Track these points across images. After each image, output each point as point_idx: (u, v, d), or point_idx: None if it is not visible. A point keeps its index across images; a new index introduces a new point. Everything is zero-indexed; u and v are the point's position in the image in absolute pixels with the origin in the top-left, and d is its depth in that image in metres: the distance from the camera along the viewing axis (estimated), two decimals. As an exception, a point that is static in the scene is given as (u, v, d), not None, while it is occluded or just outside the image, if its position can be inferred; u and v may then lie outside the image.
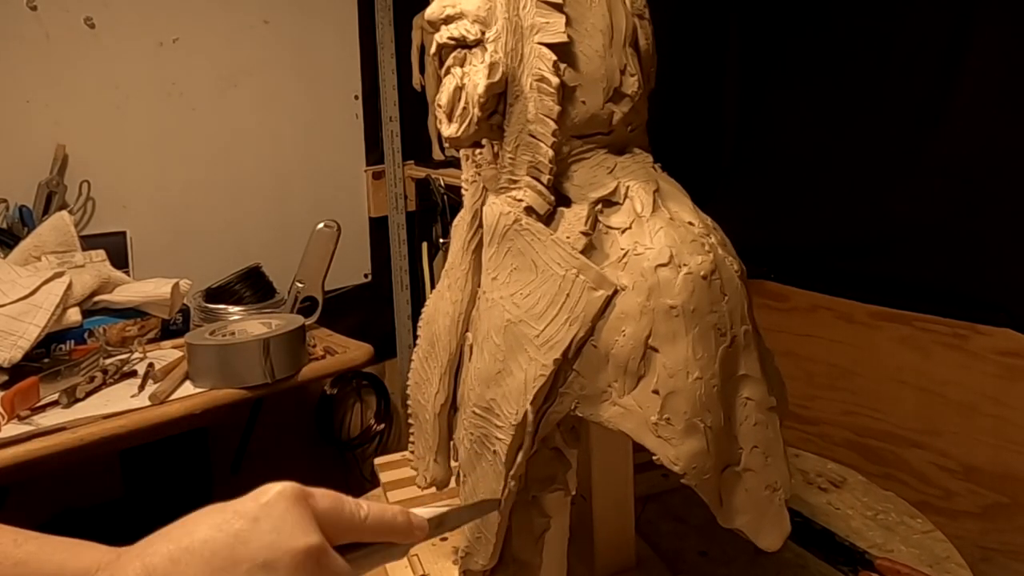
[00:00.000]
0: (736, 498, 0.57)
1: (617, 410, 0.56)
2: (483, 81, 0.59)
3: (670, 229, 0.58)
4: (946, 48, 1.24)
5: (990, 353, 1.25)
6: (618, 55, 0.61)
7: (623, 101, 0.62)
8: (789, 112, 1.50)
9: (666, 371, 0.54)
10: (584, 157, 0.62)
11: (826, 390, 1.48)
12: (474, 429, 0.61)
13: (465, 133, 0.61)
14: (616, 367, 0.56)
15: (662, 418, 0.54)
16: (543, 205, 0.60)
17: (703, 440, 0.54)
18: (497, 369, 0.59)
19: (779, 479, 0.59)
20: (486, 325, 0.61)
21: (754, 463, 0.57)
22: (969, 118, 1.23)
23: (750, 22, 1.56)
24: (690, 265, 0.56)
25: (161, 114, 1.65)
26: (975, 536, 1.27)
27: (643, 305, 0.55)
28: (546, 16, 0.58)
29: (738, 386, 0.58)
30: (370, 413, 2.06)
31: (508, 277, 0.60)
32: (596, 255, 0.58)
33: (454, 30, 0.60)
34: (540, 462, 0.61)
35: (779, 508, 0.58)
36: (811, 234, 1.48)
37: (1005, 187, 1.20)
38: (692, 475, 0.54)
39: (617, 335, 0.55)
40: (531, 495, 0.62)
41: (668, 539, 0.82)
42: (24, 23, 1.47)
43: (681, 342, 0.55)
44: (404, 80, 1.96)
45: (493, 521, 0.61)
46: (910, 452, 1.37)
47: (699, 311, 0.55)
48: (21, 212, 1.45)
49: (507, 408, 0.58)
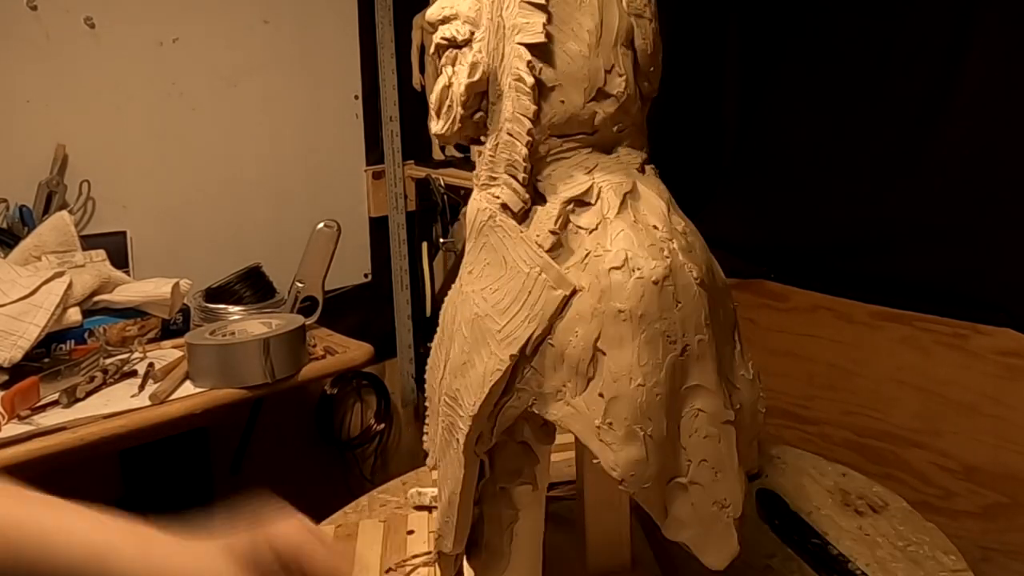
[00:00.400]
0: (682, 511, 0.56)
1: (569, 410, 0.56)
2: (464, 80, 0.60)
3: (631, 232, 0.58)
4: (946, 48, 1.24)
5: (990, 353, 1.25)
6: (605, 55, 0.61)
7: (607, 101, 0.61)
8: (789, 112, 1.50)
9: (611, 375, 0.54)
10: (564, 156, 0.62)
11: (826, 390, 1.48)
12: (444, 417, 0.63)
13: (450, 130, 0.63)
14: (569, 367, 0.56)
15: (604, 422, 0.54)
16: (517, 203, 0.61)
17: (642, 448, 0.54)
18: (463, 360, 0.60)
19: (728, 496, 0.57)
20: (459, 317, 0.62)
21: (701, 477, 0.57)
22: (969, 118, 1.23)
23: (750, 22, 1.56)
24: (643, 270, 0.56)
25: (161, 114, 1.65)
26: (975, 536, 1.27)
27: (594, 307, 0.55)
28: (527, 16, 0.59)
29: (688, 397, 0.57)
30: (370, 413, 2.06)
31: (481, 271, 0.61)
32: (563, 254, 0.59)
33: (447, 31, 0.62)
34: (507, 455, 0.62)
35: (726, 526, 0.57)
36: (811, 234, 1.48)
37: (1005, 187, 1.20)
38: (630, 482, 0.54)
39: (571, 335, 0.56)
40: (499, 486, 0.63)
41: (671, 541, 0.82)
42: (24, 23, 1.46)
43: (627, 347, 0.55)
44: (404, 80, 1.96)
45: (456, 507, 0.62)
46: (910, 452, 1.37)
47: (647, 317, 0.55)
48: (21, 212, 1.45)
49: (467, 399, 0.58)
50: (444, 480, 0.64)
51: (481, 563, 0.66)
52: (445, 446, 0.63)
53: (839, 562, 0.79)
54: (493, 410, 0.58)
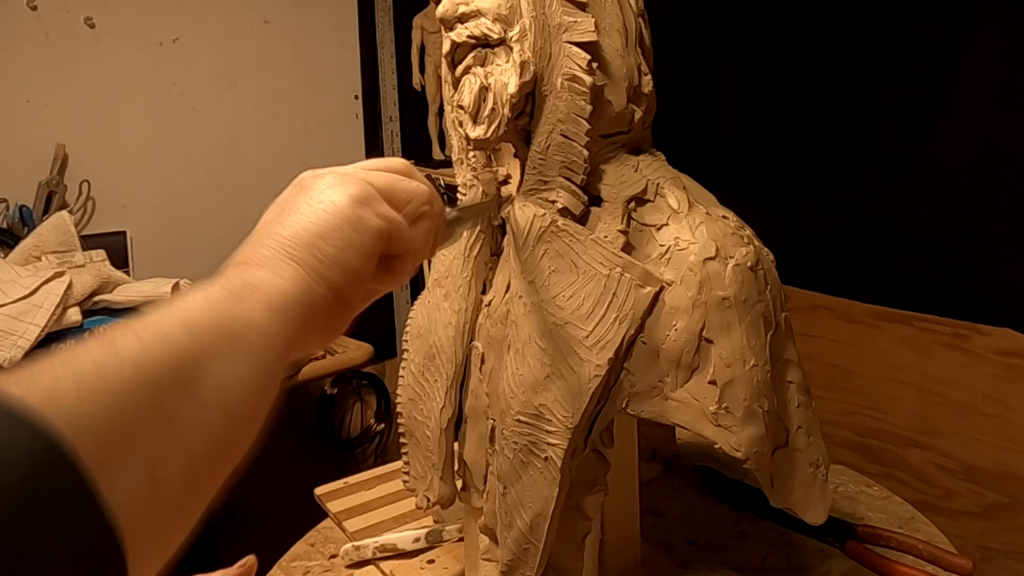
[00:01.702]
0: (786, 478, 0.59)
1: (670, 404, 0.57)
2: (515, 80, 0.57)
3: (710, 223, 0.59)
4: (946, 48, 1.24)
5: (990, 353, 1.25)
6: (633, 54, 0.61)
7: (642, 100, 0.62)
8: (789, 112, 1.50)
9: (723, 361, 0.56)
10: (609, 157, 0.62)
11: (826, 390, 1.48)
12: (518, 437, 0.60)
13: (494, 134, 0.59)
14: (668, 361, 0.56)
15: (721, 407, 0.55)
16: (578, 205, 0.60)
17: (761, 425, 0.56)
18: (545, 374, 0.58)
19: (820, 456, 0.61)
20: (526, 330, 0.60)
21: (800, 443, 0.60)
22: (969, 118, 1.23)
23: (750, 23, 1.56)
24: (736, 257, 0.57)
25: (161, 114, 1.65)
26: (975, 536, 1.27)
27: (694, 299, 0.56)
28: (573, 15, 0.58)
29: (784, 370, 0.60)
30: (370, 413, 2.06)
31: (547, 280, 0.59)
32: (635, 253, 0.59)
33: (474, 28, 0.58)
34: (583, 465, 0.61)
35: (822, 483, 0.61)
36: (811, 234, 1.48)
37: (1005, 187, 1.20)
38: (754, 459, 0.56)
39: (668, 330, 0.56)
40: (574, 500, 0.62)
41: (654, 533, 0.82)
42: (24, 23, 1.47)
43: (736, 332, 0.56)
44: (404, 80, 1.96)
45: (541, 530, 0.60)
46: (910, 452, 1.38)
47: (749, 301, 0.57)
48: (21, 212, 1.45)
49: (560, 412, 0.57)
50: (519, 506, 0.61)
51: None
52: (521, 469, 0.61)
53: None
54: (590, 418, 0.57)
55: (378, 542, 0.79)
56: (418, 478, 0.72)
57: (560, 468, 0.58)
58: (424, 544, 0.80)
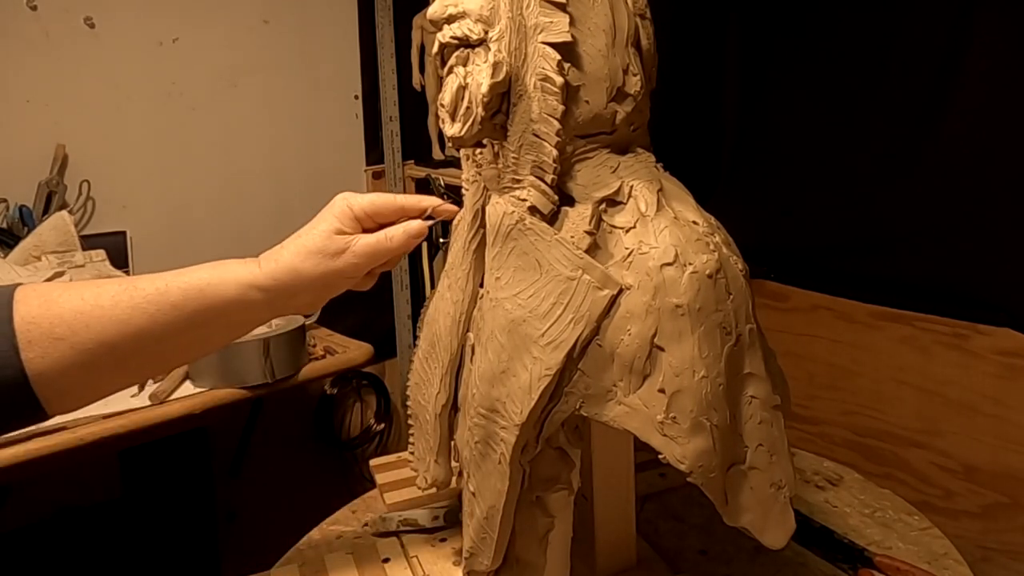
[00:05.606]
0: (741, 496, 0.57)
1: (622, 409, 0.56)
2: (487, 80, 0.58)
3: (675, 228, 0.58)
4: (946, 48, 1.24)
5: (990, 353, 1.25)
6: (620, 55, 0.61)
7: (626, 101, 0.62)
8: (789, 112, 1.50)
9: (672, 370, 0.54)
10: (587, 156, 0.62)
11: (826, 390, 1.48)
12: (478, 429, 0.61)
13: (468, 133, 0.61)
14: (621, 366, 0.55)
15: (668, 416, 0.54)
16: (547, 204, 0.60)
17: (709, 438, 0.54)
18: (502, 369, 0.59)
19: (783, 477, 0.59)
20: (490, 325, 0.61)
21: (759, 461, 0.58)
22: (969, 118, 1.23)
23: (750, 22, 1.56)
24: (695, 264, 0.56)
25: (161, 114, 1.65)
26: (975, 536, 1.27)
27: (648, 304, 0.55)
28: (550, 16, 0.58)
29: (743, 384, 0.58)
30: (370, 413, 2.06)
31: (512, 277, 0.60)
32: (600, 254, 0.58)
33: (457, 29, 0.60)
34: (544, 462, 0.61)
35: (783, 506, 0.59)
36: (811, 234, 1.48)
37: (1005, 188, 1.20)
38: (698, 473, 0.54)
39: (623, 334, 0.55)
40: (535, 495, 0.62)
41: (667, 538, 0.82)
42: (24, 23, 1.47)
43: (687, 341, 0.55)
44: (404, 80, 1.96)
45: (497, 522, 0.61)
46: (910, 452, 1.38)
47: (704, 310, 0.56)
48: (21, 212, 1.45)
49: (512, 408, 0.58)
50: (478, 496, 0.62)
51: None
52: (480, 460, 0.61)
53: (823, 534, 0.81)
54: (540, 416, 0.57)
55: (403, 516, 0.85)
56: (419, 459, 0.76)
57: (509, 462, 0.58)
58: (441, 523, 0.84)
